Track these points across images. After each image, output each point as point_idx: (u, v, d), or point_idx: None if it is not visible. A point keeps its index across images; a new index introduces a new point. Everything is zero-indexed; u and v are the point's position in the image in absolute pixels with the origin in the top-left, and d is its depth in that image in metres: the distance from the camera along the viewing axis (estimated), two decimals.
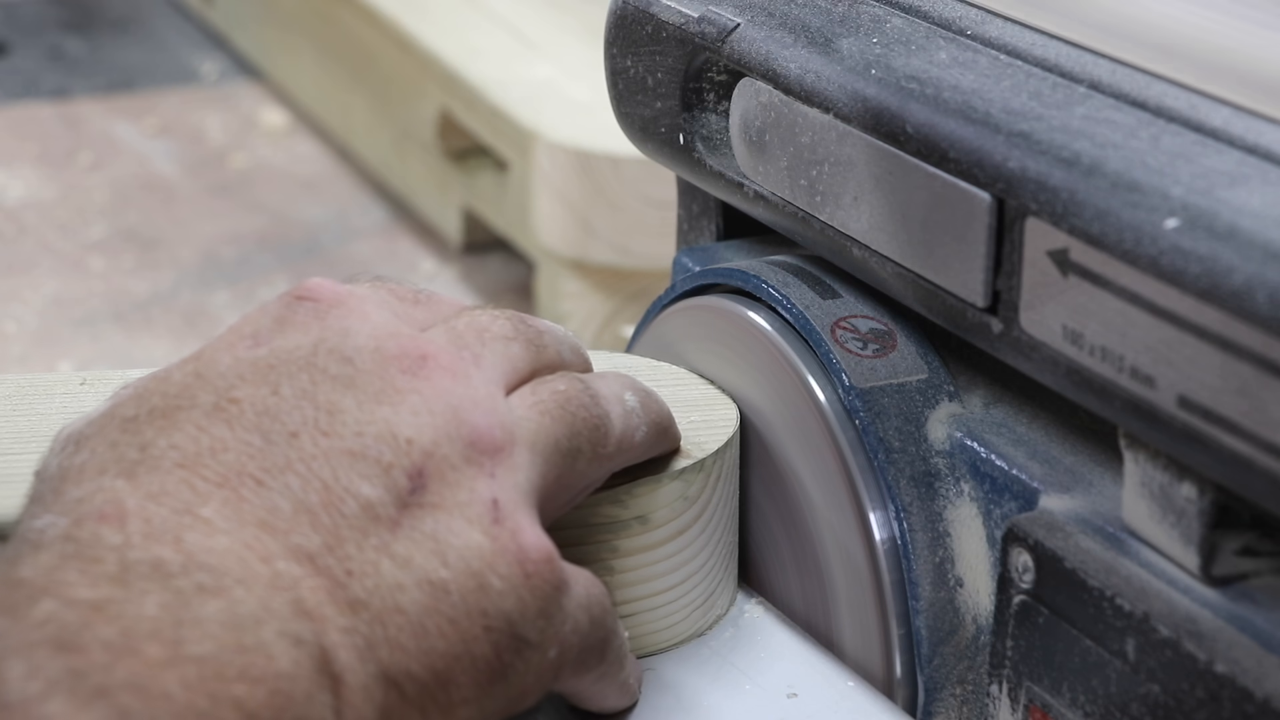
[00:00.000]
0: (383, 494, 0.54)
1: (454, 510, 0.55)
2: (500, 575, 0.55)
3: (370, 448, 0.55)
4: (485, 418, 0.57)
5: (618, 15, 0.74)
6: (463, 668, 0.54)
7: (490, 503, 0.56)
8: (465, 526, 0.55)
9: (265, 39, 1.77)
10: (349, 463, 0.54)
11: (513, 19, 1.50)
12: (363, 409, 0.56)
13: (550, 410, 0.59)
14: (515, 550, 0.55)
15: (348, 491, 0.54)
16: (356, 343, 0.57)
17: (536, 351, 0.61)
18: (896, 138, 0.62)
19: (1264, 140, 0.56)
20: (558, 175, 1.29)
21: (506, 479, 0.57)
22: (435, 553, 0.54)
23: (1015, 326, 0.59)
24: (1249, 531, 0.56)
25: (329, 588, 0.53)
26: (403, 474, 0.55)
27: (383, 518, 0.54)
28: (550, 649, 0.56)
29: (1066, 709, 0.59)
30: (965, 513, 0.65)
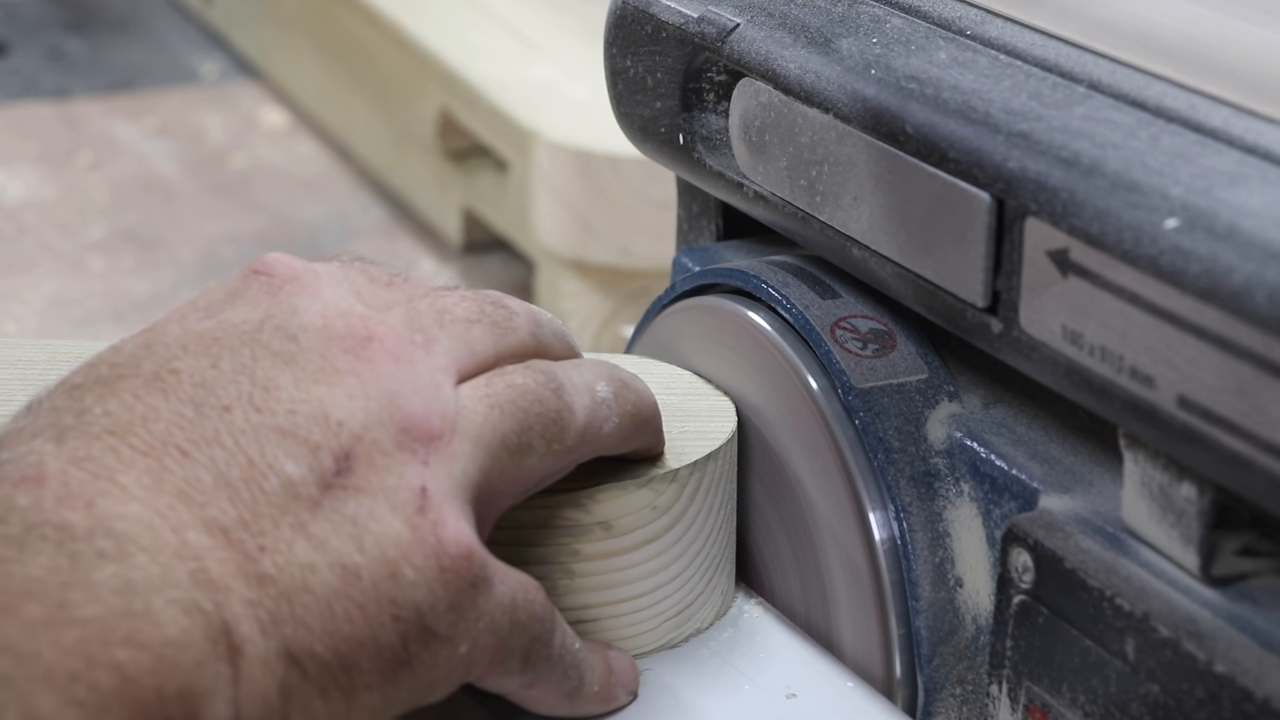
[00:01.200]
0: (306, 473, 0.54)
1: (378, 495, 0.55)
2: (414, 566, 0.55)
3: (300, 426, 0.55)
4: (423, 404, 0.56)
5: (618, 15, 0.74)
6: (367, 653, 0.54)
7: (418, 491, 0.55)
8: (388, 513, 0.55)
9: (265, 39, 1.77)
10: (277, 440, 0.55)
11: (513, 19, 1.51)
12: (299, 387, 0.56)
13: (501, 403, 0.58)
14: (434, 542, 0.55)
15: (271, 468, 0.54)
16: (303, 320, 0.57)
17: (501, 335, 0.60)
18: (896, 138, 0.62)
19: (1264, 140, 0.56)
20: (558, 175, 1.29)
21: (440, 469, 0.56)
22: (352, 536, 0.54)
23: (1015, 326, 0.59)
24: (1249, 531, 0.56)
25: (238, 561, 0.53)
26: (329, 455, 0.55)
27: (303, 497, 0.54)
28: (461, 644, 0.56)
29: (1066, 709, 0.59)
30: (965, 513, 0.65)
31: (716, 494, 0.67)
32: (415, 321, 0.59)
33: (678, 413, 0.68)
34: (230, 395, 0.55)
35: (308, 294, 0.58)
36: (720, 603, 0.68)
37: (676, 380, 0.71)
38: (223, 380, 0.55)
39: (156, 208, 1.55)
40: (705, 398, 0.70)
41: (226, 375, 0.55)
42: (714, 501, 0.67)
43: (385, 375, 0.57)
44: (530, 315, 0.62)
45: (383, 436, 0.56)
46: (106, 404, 0.54)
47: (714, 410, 0.69)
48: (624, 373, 0.64)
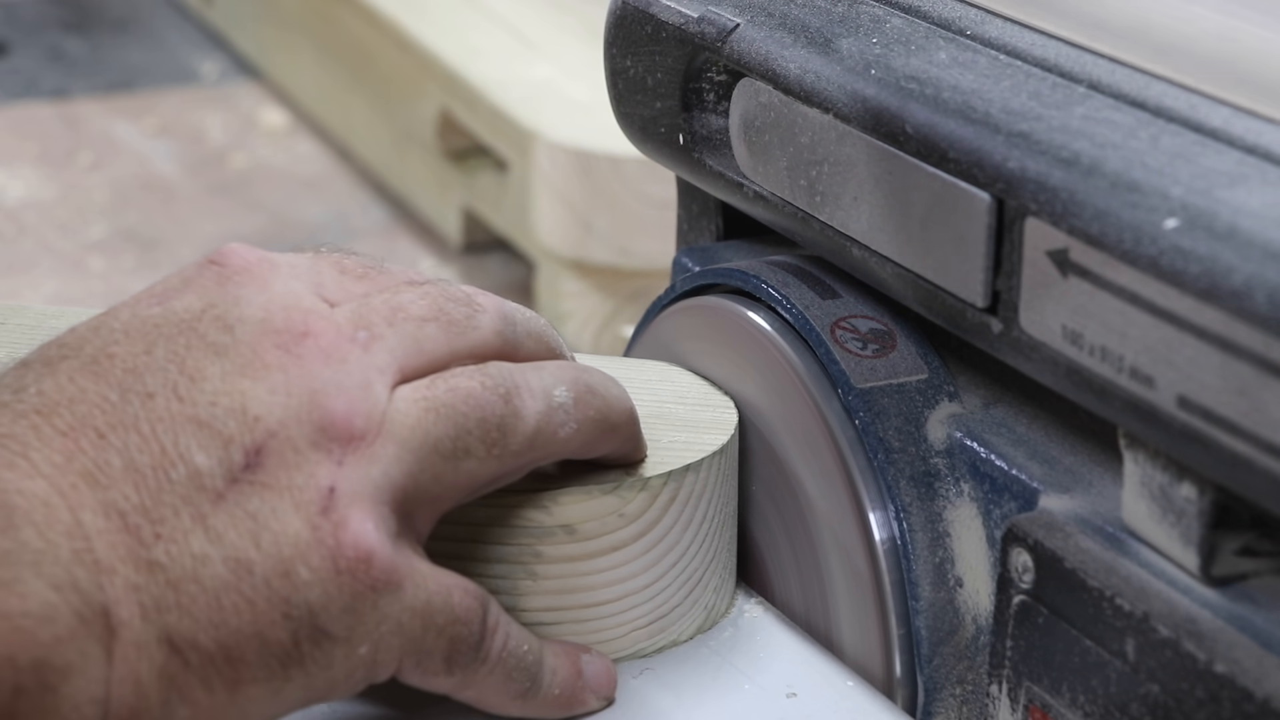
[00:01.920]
0: (214, 465, 0.55)
1: (284, 493, 0.55)
2: (310, 566, 0.55)
3: (217, 418, 0.55)
4: (347, 404, 0.56)
5: (618, 15, 0.74)
6: (254, 648, 0.54)
7: (325, 491, 0.55)
8: (290, 511, 0.55)
9: (265, 39, 1.77)
10: (192, 430, 0.55)
11: (513, 19, 1.51)
12: (225, 380, 0.56)
13: (438, 406, 0.58)
14: (332, 544, 0.55)
15: (181, 457, 0.55)
16: (243, 312, 0.57)
17: (459, 334, 0.60)
18: (896, 138, 0.62)
19: (1264, 140, 0.56)
20: (558, 175, 1.29)
21: (355, 470, 0.56)
22: (250, 532, 0.54)
23: (1015, 326, 0.59)
24: (1249, 531, 0.56)
25: (130, 545, 0.53)
26: (240, 449, 0.55)
27: (208, 489, 0.55)
28: (360, 646, 0.56)
29: (1066, 709, 0.59)
30: (965, 513, 0.65)
31: (699, 507, 0.66)
32: (363, 319, 0.59)
33: (677, 422, 0.67)
34: (156, 382, 0.56)
35: (255, 286, 0.58)
36: (704, 618, 0.67)
37: (690, 391, 0.70)
38: (153, 367, 0.56)
39: (156, 208, 1.55)
40: (712, 410, 0.69)
41: (157, 362, 0.56)
42: (695, 514, 0.65)
43: (311, 373, 0.57)
44: (500, 314, 0.62)
45: (298, 434, 0.56)
46: (42, 383, 0.55)
47: (714, 423, 0.68)
48: (595, 377, 0.63)
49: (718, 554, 0.67)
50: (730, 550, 0.68)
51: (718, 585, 0.67)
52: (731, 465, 0.67)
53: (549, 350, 0.63)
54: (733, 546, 0.68)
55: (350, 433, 0.56)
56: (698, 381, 0.71)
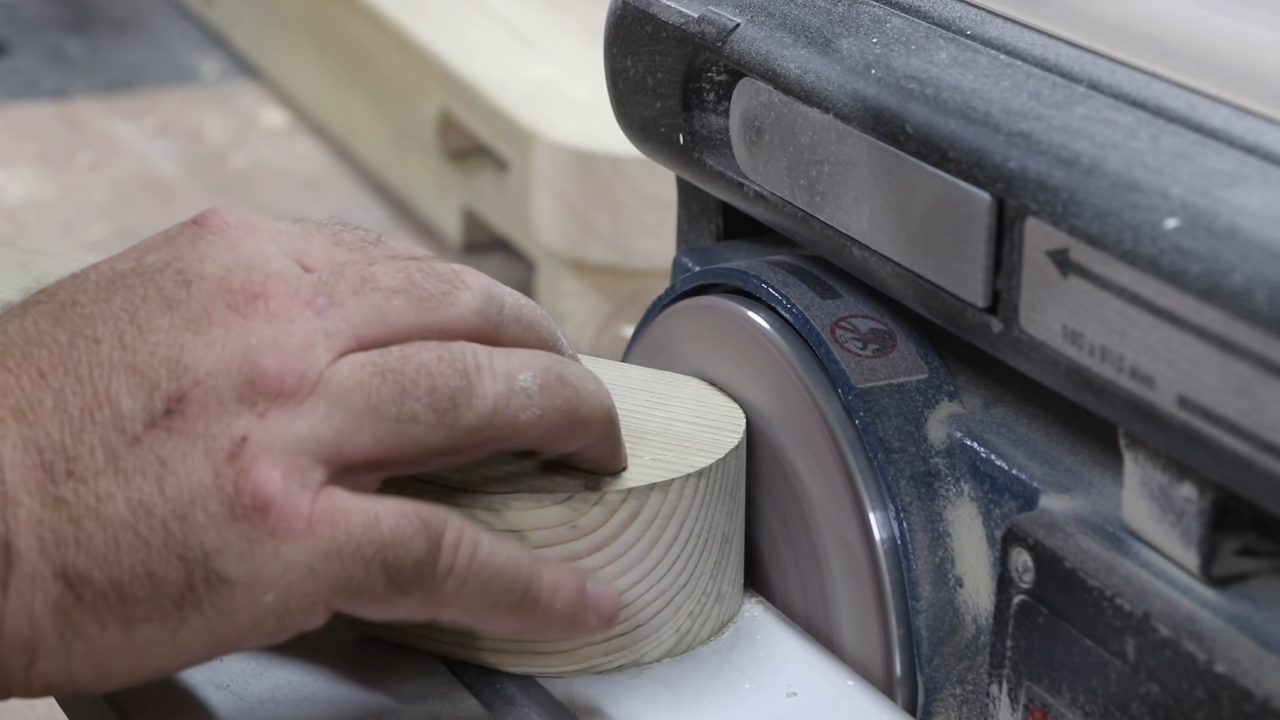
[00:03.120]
0: (137, 410, 0.56)
1: (197, 440, 0.56)
2: (206, 512, 0.55)
3: (151, 367, 0.57)
4: (279, 361, 0.57)
5: (618, 15, 0.74)
6: (146, 587, 0.55)
7: (237, 440, 0.56)
8: (199, 459, 0.56)
9: (265, 39, 1.77)
10: (126, 376, 0.56)
11: (513, 19, 1.51)
12: (170, 333, 0.57)
13: (384, 371, 0.58)
14: (231, 491, 0.55)
15: (109, 400, 0.56)
16: (204, 269, 0.59)
17: (429, 309, 0.60)
18: (896, 138, 0.62)
19: (1264, 140, 0.56)
20: (558, 175, 1.29)
21: (276, 422, 0.56)
22: (157, 476, 0.55)
23: (1015, 326, 0.59)
24: (1249, 531, 0.56)
25: (40, 480, 0.55)
26: (163, 396, 0.56)
27: (127, 432, 0.56)
28: (265, 594, 0.56)
29: (1066, 709, 0.59)
30: (965, 513, 0.65)
31: (667, 528, 0.65)
32: (327, 285, 0.59)
33: (674, 440, 0.66)
34: (105, 330, 0.57)
35: (225, 245, 0.59)
36: (674, 641, 0.66)
37: (708, 411, 0.69)
38: (106, 315, 0.57)
39: (156, 208, 1.55)
40: (716, 432, 0.68)
41: (111, 311, 0.58)
42: (663, 535, 0.64)
43: (252, 330, 0.58)
44: (484, 293, 0.62)
45: (225, 385, 0.57)
46: (10, 325, 0.58)
47: (708, 445, 0.67)
48: (571, 369, 0.62)
49: (695, 579, 0.66)
50: (716, 576, 0.66)
51: (694, 611, 0.66)
52: (719, 490, 0.66)
53: (539, 339, 0.63)
54: (722, 572, 0.67)
55: (279, 389, 0.57)
56: (722, 403, 0.70)
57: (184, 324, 0.57)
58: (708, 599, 0.66)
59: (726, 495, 0.66)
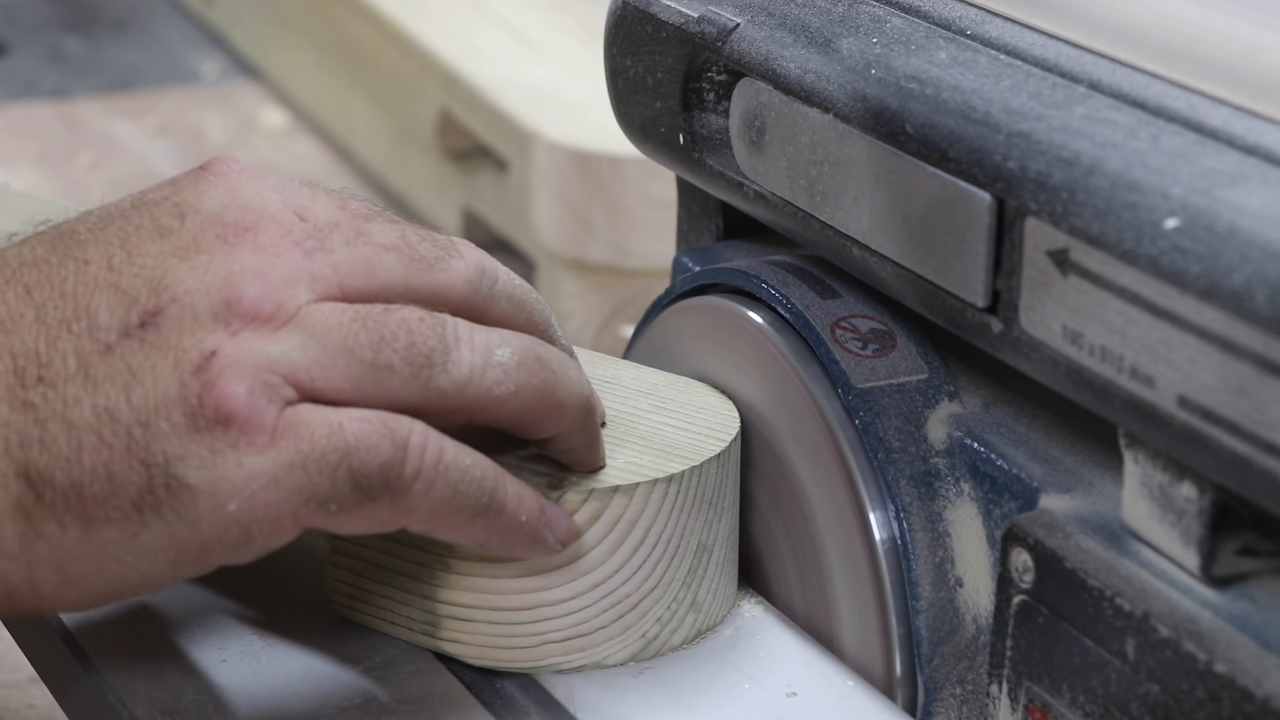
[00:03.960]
0: (113, 321, 0.57)
1: (168, 353, 0.57)
2: (170, 421, 0.56)
3: (134, 286, 0.58)
4: (258, 288, 0.58)
5: (618, 15, 0.74)
6: (107, 488, 0.56)
7: (206, 354, 0.57)
8: (167, 370, 0.57)
9: (265, 39, 1.77)
10: (108, 294, 0.58)
11: (513, 19, 1.50)
12: (158, 258, 0.58)
13: (364, 318, 0.59)
14: (195, 403, 0.56)
15: (86, 313, 0.57)
16: (200, 204, 0.60)
17: (419, 271, 0.60)
18: (896, 138, 0.62)
19: (1264, 140, 0.56)
20: (558, 175, 1.29)
21: (250, 342, 0.57)
22: (125, 385, 0.56)
23: (1015, 326, 0.59)
24: (1249, 531, 0.56)
25: (10, 385, 0.56)
26: (140, 310, 0.57)
27: (100, 341, 0.57)
28: (228, 503, 0.56)
29: (1066, 709, 0.59)
30: (965, 513, 0.65)
31: (631, 532, 0.64)
32: (320, 233, 0.60)
33: (656, 445, 0.66)
34: (96, 253, 0.58)
35: (225, 186, 0.61)
36: (640, 646, 0.65)
37: (704, 419, 0.68)
38: (98, 240, 0.59)
39: None
40: (700, 439, 0.67)
41: (105, 238, 0.59)
42: (627, 539, 0.64)
43: (236, 258, 0.58)
44: (478, 266, 0.62)
45: (201, 304, 0.57)
46: (8, 251, 0.59)
47: (688, 451, 0.66)
48: (551, 354, 0.62)
49: (664, 585, 0.65)
50: (690, 584, 0.66)
51: (662, 617, 0.65)
52: (693, 497, 0.65)
53: (529, 321, 0.63)
54: (697, 581, 0.66)
55: (255, 313, 0.58)
56: (723, 412, 0.69)
57: (172, 250, 0.58)
58: (679, 606, 0.66)
59: (703, 503, 0.66)
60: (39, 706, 0.96)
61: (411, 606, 0.65)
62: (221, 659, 0.65)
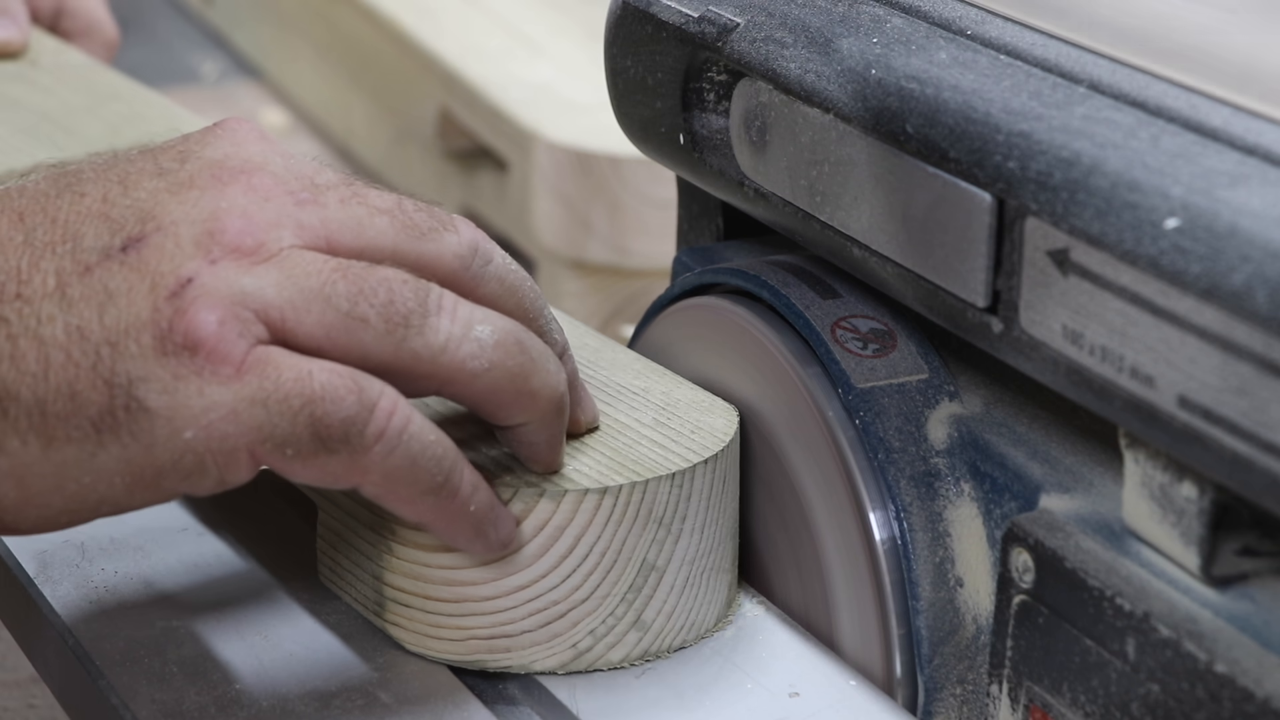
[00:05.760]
0: (96, 245, 0.58)
1: (146, 276, 0.57)
2: (139, 343, 0.57)
3: (123, 216, 0.59)
4: (242, 223, 0.59)
5: (618, 15, 0.74)
6: (69, 407, 0.57)
7: (183, 280, 0.57)
8: (143, 294, 0.57)
9: (265, 39, 1.77)
10: (97, 222, 0.59)
11: (513, 19, 1.50)
12: (152, 194, 0.59)
13: (345, 270, 0.59)
14: (165, 328, 0.57)
15: (71, 238, 0.58)
16: (203, 152, 0.61)
17: (410, 238, 0.61)
18: (897, 138, 0.62)
19: (1264, 140, 0.56)
20: (558, 175, 1.29)
21: (227, 273, 0.58)
22: (99, 306, 0.57)
23: (1015, 326, 0.59)
24: (1249, 531, 0.56)
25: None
26: (124, 236, 0.58)
27: (81, 262, 0.58)
28: (185, 430, 0.57)
29: (1066, 709, 0.59)
30: (965, 513, 0.65)
31: (560, 539, 0.63)
32: (315, 186, 0.61)
33: (617, 455, 0.65)
34: (93, 188, 0.60)
35: (231, 140, 0.62)
36: (570, 657, 0.64)
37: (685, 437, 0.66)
38: (101, 178, 0.60)
39: None
40: (665, 455, 0.65)
41: (105, 173, 0.60)
42: (555, 546, 0.63)
43: (225, 196, 0.59)
44: (471, 243, 0.62)
45: (185, 233, 0.58)
46: (20, 183, 0.60)
47: (649, 464, 0.65)
48: (533, 341, 0.61)
49: (598, 599, 0.64)
50: (630, 601, 0.64)
51: (596, 630, 0.64)
52: (635, 513, 0.64)
53: (518, 306, 0.63)
54: (643, 600, 0.64)
55: (236, 245, 0.58)
56: (716, 431, 0.67)
57: (167, 187, 0.59)
58: (617, 622, 0.64)
59: (650, 521, 0.64)
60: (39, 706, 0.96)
61: (365, 585, 0.66)
62: (223, 660, 0.65)
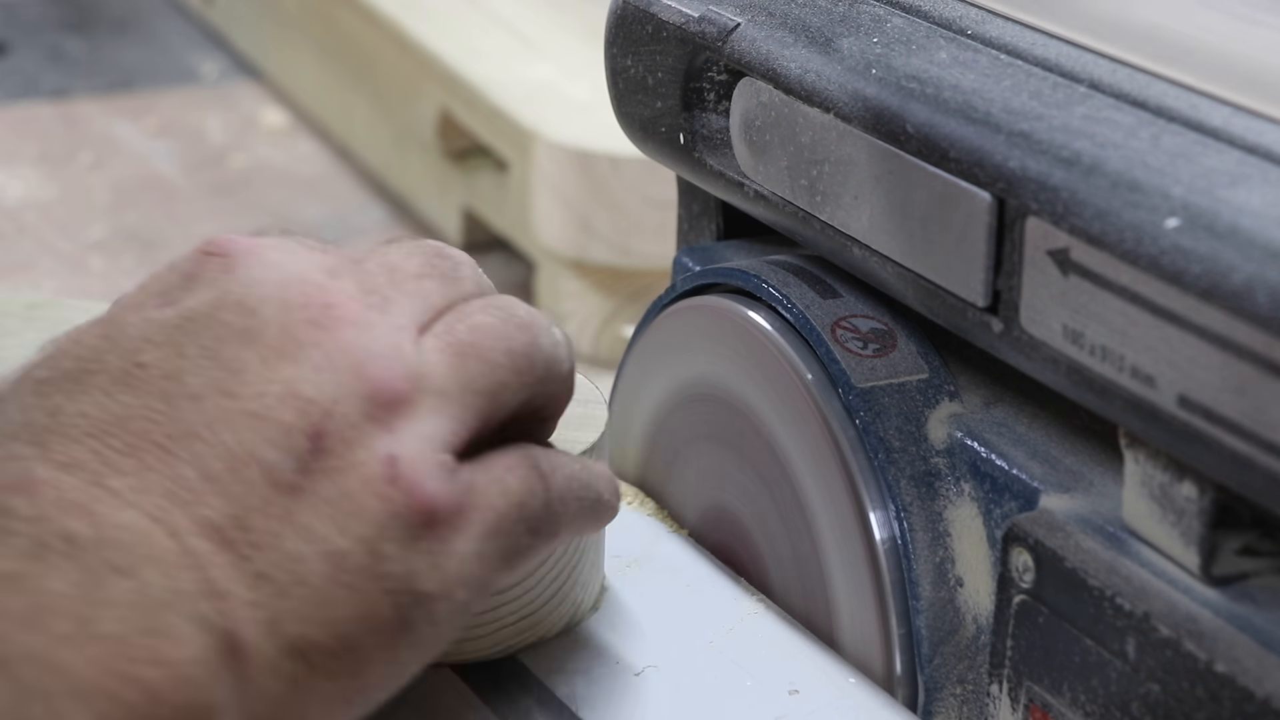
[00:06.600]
0: (284, 458, 0.54)
1: (350, 473, 0.55)
2: (392, 540, 0.55)
3: (272, 409, 0.55)
4: (386, 369, 0.56)
5: (618, 15, 0.74)
6: (367, 630, 0.54)
7: (386, 460, 0.55)
8: (360, 489, 0.55)
9: (265, 39, 1.77)
10: (251, 425, 0.54)
11: (513, 19, 1.51)
12: (265, 365, 0.55)
13: (464, 348, 0.58)
14: (404, 513, 0.55)
15: (251, 456, 0.54)
16: (261, 293, 0.57)
17: (452, 286, 0.61)
18: (897, 137, 0.62)
19: (1264, 140, 0.56)
20: (558, 175, 1.29)
21: (408, 431, 0.56)
22: (333, 520, 0.54)
23: (1015, 326, 0.59)
24: (1249, 531, 0.56)
25: (235, 563, 0.53)
26: (302, 436, 0.55)
27: (283, 484, 0.54)
28: (457, 593, 0.56)
29: (1067, 709, 0.59)
30: (965, 512, 0.65)
31: None
32: (368, 283, 0.59)
33: None
34: (198, 383, 0.55)
35: (262, 266, 0.58)
36: (571, 614, 0.67)
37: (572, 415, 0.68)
38: (189, 368, 0.55)
39: (156, 208, 1.55)
40: (584, 405, 0.67)
41: (193, 362, 0.55)
42: None
43: (347, 343, 0.56)
44: (471, 263, 0.63)
45: (351, 410, 0.56)
46: (79, 403, 0.54)
47: (585, 420, 0.67)
48: None
49: (584, 551, 0.66)
50: (598, 547, 0.67)
51: (584, 581, 0.67)
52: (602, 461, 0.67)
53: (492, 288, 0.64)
54: (600, 543, 0.68)
55: (395, 396, 0.56)
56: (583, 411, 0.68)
57: (275, 354, 0.56)
58: (593, 570, 0.67)
59: None
60: None
61: None
62: None
